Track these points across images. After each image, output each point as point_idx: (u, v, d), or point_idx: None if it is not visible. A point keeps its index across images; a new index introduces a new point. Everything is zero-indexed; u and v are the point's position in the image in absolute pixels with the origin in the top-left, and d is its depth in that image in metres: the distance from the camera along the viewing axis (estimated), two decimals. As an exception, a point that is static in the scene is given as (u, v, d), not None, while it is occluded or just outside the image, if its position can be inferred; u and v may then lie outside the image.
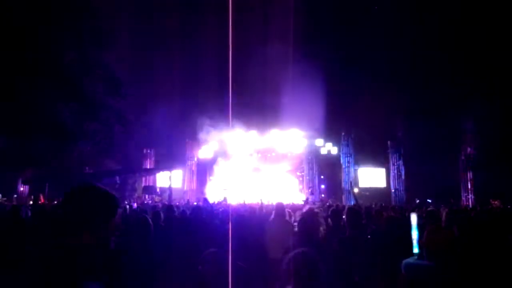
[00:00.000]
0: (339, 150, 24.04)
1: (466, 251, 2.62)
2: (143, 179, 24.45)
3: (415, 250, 2.96)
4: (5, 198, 15.84)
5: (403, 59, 21.26)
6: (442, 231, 2.96)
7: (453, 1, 20.59)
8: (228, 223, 5.14)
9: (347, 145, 23.96)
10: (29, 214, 6.35)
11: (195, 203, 14.72)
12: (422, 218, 6.19)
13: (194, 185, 25.15)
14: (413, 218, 3.18)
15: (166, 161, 24.67)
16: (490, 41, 19.36)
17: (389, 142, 23.69)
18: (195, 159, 25.64)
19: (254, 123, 23.58)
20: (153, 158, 26.18)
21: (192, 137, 24.52)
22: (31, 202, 13.03)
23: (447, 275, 2.56)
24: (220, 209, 7.76)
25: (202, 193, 22.91)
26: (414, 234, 3.04)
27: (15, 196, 17.91)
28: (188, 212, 7.07)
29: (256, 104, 22.83)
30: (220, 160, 24.35)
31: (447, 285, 2.56)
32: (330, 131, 23.77)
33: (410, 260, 2.90)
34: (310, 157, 24.39)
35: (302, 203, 16.91)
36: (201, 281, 2.88)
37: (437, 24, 20.84)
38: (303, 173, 24.95)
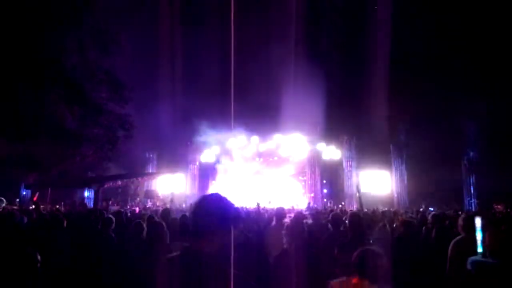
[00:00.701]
0: (341, 155, 23.98)
1: None
2: (145, 183, 24.46)
3: (479, 249, 3.28)
4: (7, 203, 15.84)
5: (406, 62, 21.27)
6: (503, 233, 3.28)
7: (455, 4, 20.59)
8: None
9: (350, 150, 23.91)
10: (25, 220, 6.38)
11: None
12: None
13: (196, 189, 25.13)
14: (478, 221, 3.51)
15: (168, 165, 24.70)
16: (492, 44, 19.35)
17: (391, 146, 23.64)
18: (197, 163, 25.65)
19: (257, 128, 23.59)
20: (155, 162, 26.23)
21: (194, 141, 24.53)
22: (33, 207, 13.05)
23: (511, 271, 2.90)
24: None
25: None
26: (478, 236, 3.37)
27: (17, 200, 17.93)
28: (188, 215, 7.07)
29: (258, 109, 22.84)
30: (222, 163, 24.33)
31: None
32: (333, 136, 23.73)
33: (476, 258, 3.20)
34: (312, 162, 24.35)
35: (305, 208, 16.89)
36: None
37: (440, 28, 20.85)
38: (305, 178, 24.91)
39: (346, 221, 4.71)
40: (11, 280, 2.60)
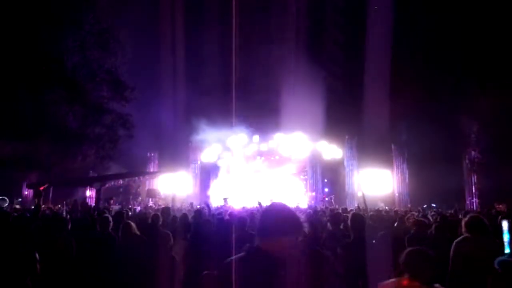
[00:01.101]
0: (342, 154, 23.96)
1: None
2: (147, 182, 24.47)
3: (507, 250, 3.40)
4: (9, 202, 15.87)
5: (407, 61, 21.22)
6: None
7: (456, 4, 20.53)
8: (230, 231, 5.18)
9: (351, 148, 23.89)
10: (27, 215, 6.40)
11: (197, 206, 14.73)
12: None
13: (197, 188, 25.13)
14: (505, 224, 3.60)
15: (170, 164, 24.70)
16: (495, 44, 19.28)
17: (393, 145, 23.61)
18: (199, 162, 25.64)
19: (258, 127, 23.57)
20: (156, 161, 26.23)
21: (195, 140, 24.51)
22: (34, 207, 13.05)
23: None
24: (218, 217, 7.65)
25: (206, 196, 22.90)
26: (505, 237, 3.48)
27: (20, 200, 17.96)
28: (189, 216, 7.10)
29: (259, 108, 22.83)
30: (223, 162, 24.31)
31: None
32: (334, 134, 23.69)
33: (504, 258, 3.27)
34: (313, 161, 24.32)
35: (306, 206, 16.89)
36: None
37: (441, 26, 20.79)
38: (306, 177, 24.89)
39: (348, 221, 4.70)
40: (10, 279, 2.60)
